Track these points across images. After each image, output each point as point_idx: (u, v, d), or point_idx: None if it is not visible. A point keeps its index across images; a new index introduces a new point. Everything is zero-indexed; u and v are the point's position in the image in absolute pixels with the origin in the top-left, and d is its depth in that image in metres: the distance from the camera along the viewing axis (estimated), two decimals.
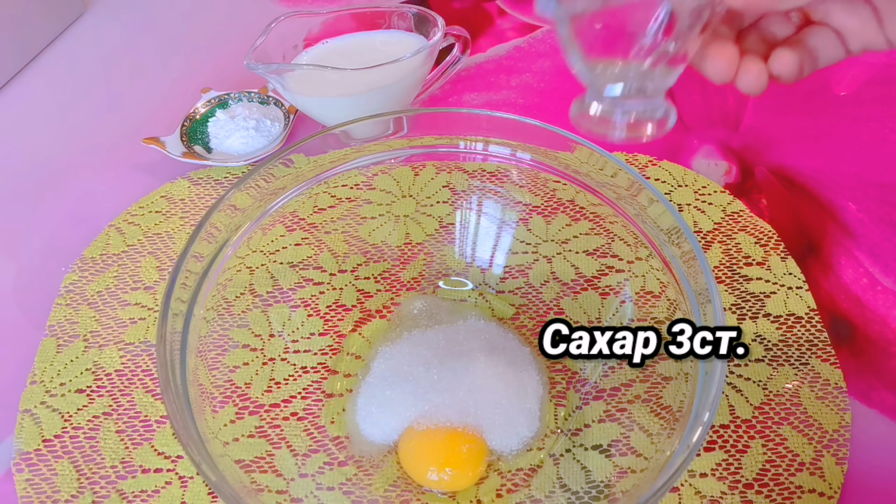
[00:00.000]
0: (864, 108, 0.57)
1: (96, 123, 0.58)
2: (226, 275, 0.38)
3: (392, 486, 0.36)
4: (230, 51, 0.62)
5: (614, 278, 0.42)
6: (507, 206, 0.44)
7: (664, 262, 0.36)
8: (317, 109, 0.50)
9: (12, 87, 0.61)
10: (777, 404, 0.39)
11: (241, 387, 0.38)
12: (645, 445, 0.35)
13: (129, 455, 0.38)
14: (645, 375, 0.38)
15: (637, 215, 0.37)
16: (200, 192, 0.51)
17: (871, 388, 0.40)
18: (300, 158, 0.39)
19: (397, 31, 0.53)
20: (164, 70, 0.63)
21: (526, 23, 0.66)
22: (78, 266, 0.47)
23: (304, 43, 0.52)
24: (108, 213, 0.50)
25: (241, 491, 0.30)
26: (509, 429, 0.37)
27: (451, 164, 0.46)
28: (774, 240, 0.47)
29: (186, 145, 0.53)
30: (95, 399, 0.40)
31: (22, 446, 0.39)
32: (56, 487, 0.37)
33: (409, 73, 0.48)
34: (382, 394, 0.38)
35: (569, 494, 0.36)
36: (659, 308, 0.38)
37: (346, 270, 0.44)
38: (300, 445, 0.37)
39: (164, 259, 0.47)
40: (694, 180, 0.51)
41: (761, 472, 0.37)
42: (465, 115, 0.40)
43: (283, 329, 0.41)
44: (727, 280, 0.45)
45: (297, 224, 0.44)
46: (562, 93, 0.59)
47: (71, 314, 0.44)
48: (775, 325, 0.43)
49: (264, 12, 0.68)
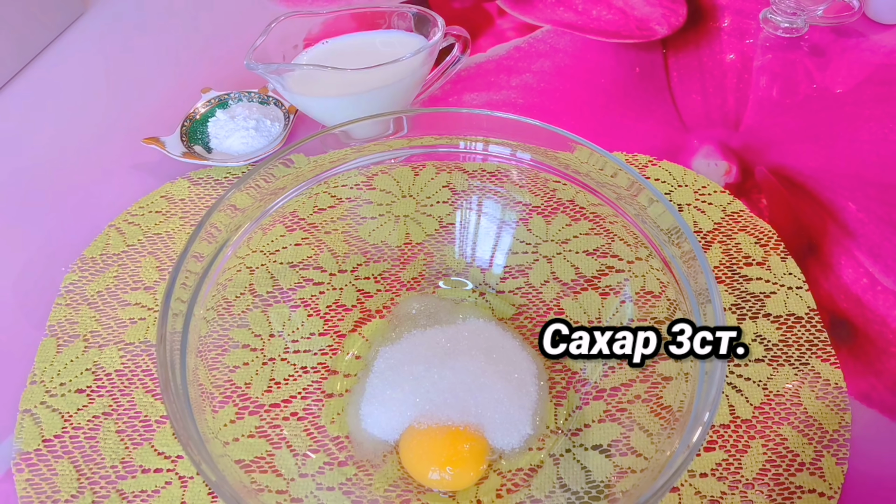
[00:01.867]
0: (863, 107, 0.57)
1: (96, 123, 0.58)
2: (226, 275, 0.38)
3: (392, 486, 0.36)
4: (230, 51, 0.62)
5: (614, 278, 0.42)
6: (507, 206, 0.44)
7: (664, 262, 0.36)
8: (317, 109, 0.50)
9: (12, 87, 0.61)
10: (777, 404, 0.39)
11: (241, 387, 0.38)
12: (645, 445, 0.35)
13: (129, 455, 0.38)
14: (645, 375, 0.38)
15: (637, 215, 0.37)
16: (200, 192, 0.51)
17: (871, 388, 0.40)
18: (300, 158, 0.39)
19: (397, 31, 0.53)
20: (164, 70, 0.63)
21: (526, 23, 0.66)
22: (78, 266, 0.47)
23: (304, 43, 0.52)
24: (108, 213, 0.50)
25: (241, 491, 0.30)
26: (510, 427, 0.37)
27: (451, 164, 0.46)
28: (774, 240, 0.47)
29: (186, 145, 0.53)
30: (95, 399, 0.40)
31: (22, 446, 0.39)
32: (56, 487, 0.37)
33: (409, 73, 0.48)
34: (383, 393, 0.38)
35: (569, 494, 0.36)
36: (659, 308, 0.38)
37: (346, 270, 0.44)
38: (300, 445, 0.37)
39: (164, 259, 0.47)
40: (694, 180, 0.51)
41: (761, 472, 0.37)
42: (465, 115, 0.40)
43: (283, 329, 0.41)
44: (727, 280, 0.45)
45: (297, 224, 0.44)
46: (562, 93, 0.59)
47: (71, 314, 0.44)
48: (775, 325, 0.43)
49: (264, 12, 0.68)
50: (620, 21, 0.66)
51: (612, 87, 0.60)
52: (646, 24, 0.66)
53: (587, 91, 0.59)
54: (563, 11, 0.67)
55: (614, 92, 0.59)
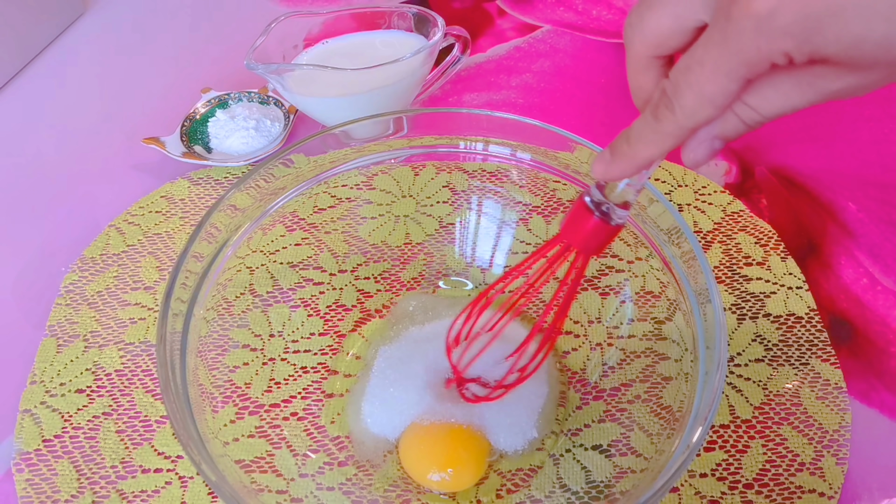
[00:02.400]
0: (864, 108, 0.57)
1: (96, 123, 0.58)
2: (226, 275, 0.38)
3: (392, 486, 0.36)
4: (230, 51, 0.62)
5: (614, 278, 0.42)
6: (507, 206, 0.44)
7: (664, 262, 0.36)
8: (317, 109, 0.50)
9: (12, 87, 0.61)
10: (777, 404, 0.39)
11: (241, 387, 0.38)
12: (645, 445, 0.35)
13: (129, 455, 0.38)
14: (645, 375, 0.38)
15: (637, 215, 0.37)
16: (200, 192, 0.51)
17: (871, 388, 0.40)
18: (300, 158, 0.39)
19: (397, 31, 0.53)
20: (164, 70, 0.63)
21: (526, 23, 0.66)
22: (78, 266, 0.47)
23: (304, 43, 0.52)
24: (108, 213, 0.50)
25: (241, 491, 0.30)
26: (516, 430, 0.37)
27: (451, 164, 0.46)
28: (774, 240, 0.47)
29: (186, 145, 0.53)
30: (95, 399, 0.40)
31: (22, 446, 0.39)
32: (56, 487, 0.37)
33: (409, 73, 0.48)
34: (385, 392, 0.38)
35: (569, 494, 0.36)
36: (659, 308, 0.38)
37: (346, 270, 0.44)
38: (300, 445, 0.37)
39: (164, 259, 0.47)
40: (694, 180, 0.51)
41: (761, 472, 0.37)
42: (465, 115, 0.40)
43: (283, 329, 0.41)
44: (727, 280, 0.45)
45: (297, 224, 0.44)
46: (562, 93, 0.59)
47: (71, 314, 0.44)
48: (775, 325, 0.43)
49: (264, 12, 0.68)
50: (620, 21, 0.66)
51: (612, 87, 0.60)
52: None
53: (587, 91, 0.59)
54: (563, 11, 0.67)
55: (614, 92, 0.59)
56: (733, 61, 0.22)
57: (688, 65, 0.23)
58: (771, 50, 0.21)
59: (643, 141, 0.26)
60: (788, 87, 0.23)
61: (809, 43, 0.21)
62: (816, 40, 0.21)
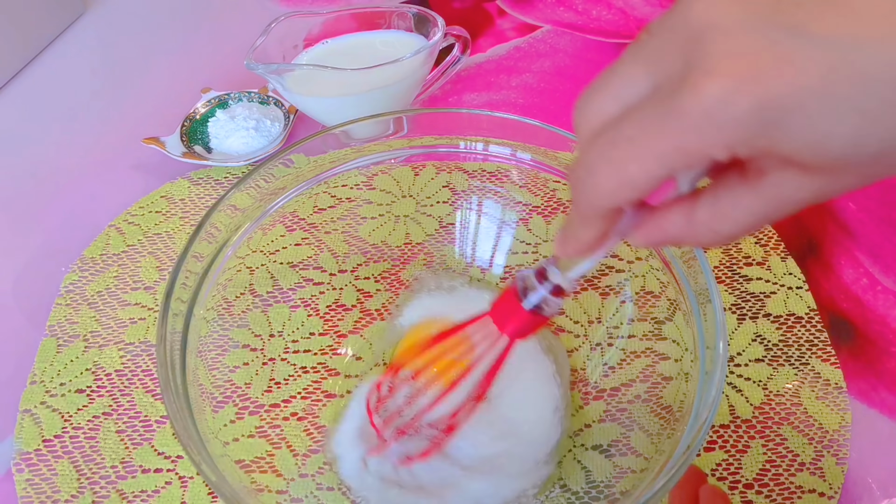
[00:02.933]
0: None
1: (96, 123, 0.58)
2: (226, 275, 0.38)
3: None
4: (230, 51, 0.62)
5: (614, 278, 0.42)
6: (507, 206, 0.44)
7: (664, 262, 0.36)
8: (317, 109, 0.50)
9: (12, 87, 0.61)
10: (777, 404, 0.39)
11: (241, 387, 0.38)
12: (645, 445, 0.35)
13: (129, 455, 0.38)
14: (645, 375, 0.38)
15: None
16: (200, 192, 0.51)
17: (871, 388, 0.40)
18: (300, 158, 0.39)
19: (397, 31, 0.53)
20: (164, 70, 0.63)
21: (526, 23, 0.66)
22: (78, 266, 0.47)
23: (304, 43, 0.52)
24: (108, 213, 0.50)
25: (241, 491, 0.30)
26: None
27: (451, 164, 0.46)
28: (774, 240, 0.47)
29: (186, 145, 0.53)
30: (95, 399, 0.40)
31: (22, 446, 0.39)
32: (56, 487, 0.37)
33: (409, 73, 0.48)
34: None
35: (569, 494, 0.36)
36: (659, 308, 0.38)
37: (346, 270, 0.44)
38: (300, 445, 0.37)
39: (164, 259, 0.47)
40: None
41: (761, 472, 0.37)
42: (465, 115, 0.40)
43: (283, 329, 0.41)
44: (727, 280, 0.45)
45: (297, 224, 0.44)
46: (562, 93, 0.59)
47: (71, 314, 0.44)
48: (775, 325, 0.43)
49: (264, 12, 0.68)
50: (620, 21, 0.66)
51: None
52: (646, 24, 0.66)
53: None
54: (563, 11, 0.67)
55: None
56: (669, 145, 0.19)
57: (612, 138, 0.20)
58: (716, 140, 0.18)
59: (573, 222, 0.23)
60: (749, 200, 0.20)
61: (765, 137, 0.18)
62: (774, 135, 0.18)
